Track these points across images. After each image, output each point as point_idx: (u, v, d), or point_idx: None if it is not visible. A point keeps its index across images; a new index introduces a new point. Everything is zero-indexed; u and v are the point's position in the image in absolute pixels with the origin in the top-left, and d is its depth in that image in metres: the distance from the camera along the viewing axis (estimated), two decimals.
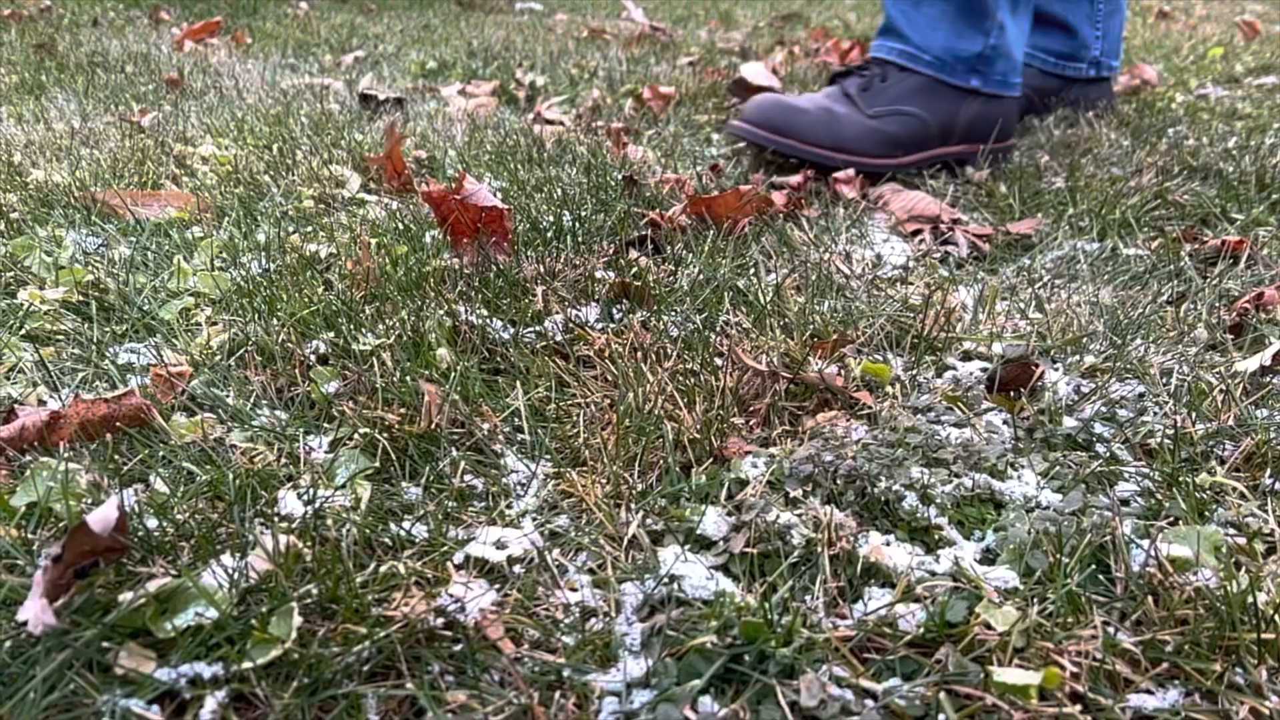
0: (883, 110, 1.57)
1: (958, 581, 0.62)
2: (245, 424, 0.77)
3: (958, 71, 1.59)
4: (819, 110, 1.54)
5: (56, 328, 0.93)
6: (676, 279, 1.05)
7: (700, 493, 0.70)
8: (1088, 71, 2.05)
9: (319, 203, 1.31)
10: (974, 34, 1.57)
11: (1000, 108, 1.64)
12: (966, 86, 1.59)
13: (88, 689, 0.52)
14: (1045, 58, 2.03)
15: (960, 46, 1.58)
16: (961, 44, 1.58)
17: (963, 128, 1.61)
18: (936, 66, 1.58)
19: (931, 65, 1.58)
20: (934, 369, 0.89)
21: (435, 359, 0.85)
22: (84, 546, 0.56)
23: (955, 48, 1.58)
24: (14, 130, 1.73)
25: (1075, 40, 2.02)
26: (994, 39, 1.58)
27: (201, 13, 3.79)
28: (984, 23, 1.56)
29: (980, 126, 1.62)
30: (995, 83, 1.61)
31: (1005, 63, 1.61)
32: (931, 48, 1.58)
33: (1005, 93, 1.64)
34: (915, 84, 1.59)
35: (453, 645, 0.57)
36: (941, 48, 1.58)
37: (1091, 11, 2.00)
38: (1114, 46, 2.07)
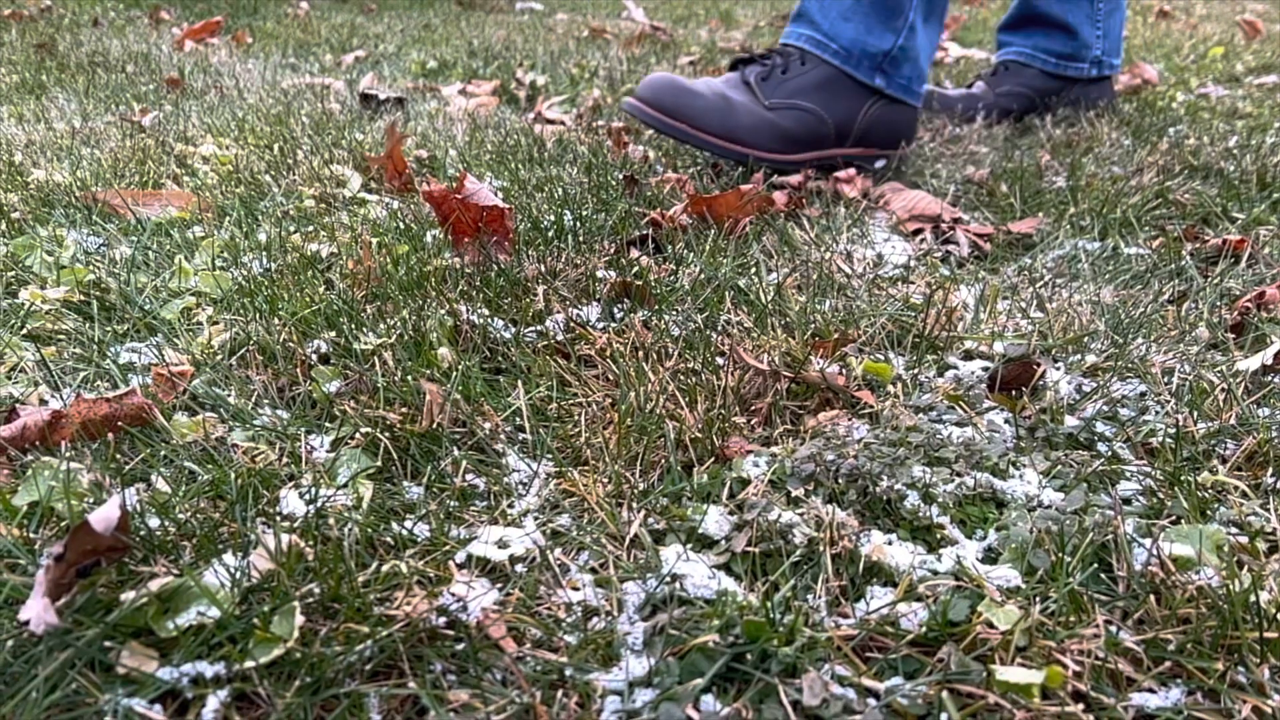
0: (780, 103, 1.54)
1: (960, 580, 0.62)
2: (247, 423, 0.77)
3: (863, 66, 1.56)
4: (715, 96, 1.50)
5: (58, 327, 0.93)
6: (677, 278, 1.05)
7: (702, 492, 0.70)
8: (1089, 71, 2.06)
9: (320, 202, 1.31)
10: (884, 31, 1.55)
11: (900, 114, 1.62)
12: (870, 84, 1.56)
13: (89, 688, 0.52)
14: (1046, 59, 2.05)
15: (869, 41, 1.55)
16: (871, 39, 1.55)
17: (860, 130, 1.59)
18: (842, 57, 1.55)
19: (838, 55, 1.55)
20: (935, 368, 0.89)
21: (436, 358, 0.85)
22: (86, 546, 0.56)
23: (864, 42, 1.55)
24: (15, 130, 1.73)
25: (1076, 41, 2.03)
26: (903, 40, 1.55)
27: (202, 13, 3.79)
28: (895, 20, 1.54)
29: (878, 131, 1.60)
30: (899, 86, 1.59)
31: (911, 68, 1.59)
32: (840, 37, 1.55)
33: (907, 99, 1.61)
34: (817, 77, 1.56)
35: (455, 644, 0.57)
36: (850, 39, 1.55)
37: (1092, 11, 2.02)
38: (1115, 45, 2.08)
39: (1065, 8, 2.01)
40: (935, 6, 1.59)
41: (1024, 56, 2.07)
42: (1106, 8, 2.03)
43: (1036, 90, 2.06)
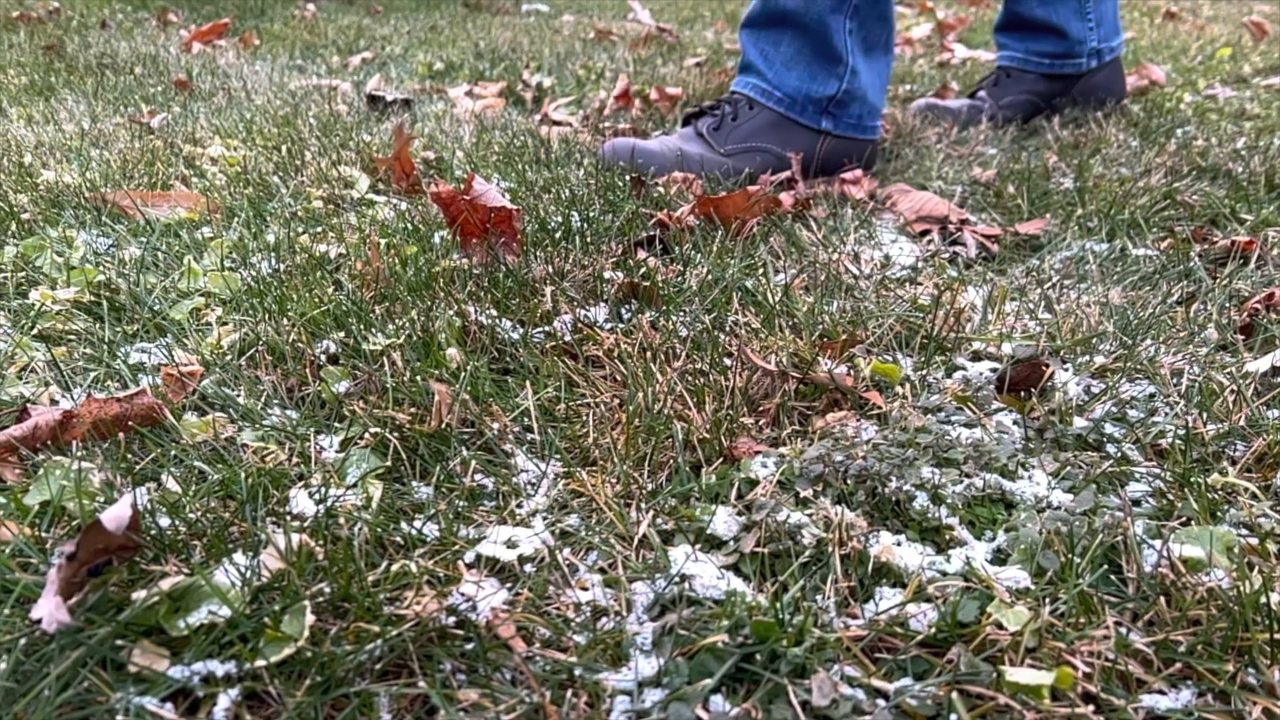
0: (736, 148, 1.57)
1: (969, 581, 0.62)
2: (256, 423, 0.77)
3: (808, 112, 1.58)
4: (670, 151, 1.54)
5: (68, 328, 0.93)
6: (685, 279, 1.05)
7: (710, 492, 0.70)
8: (1088, 64, 2.03)
9: (328, 203, 1.31)
10: (827, 78, 1.57)
11: (855, 147, 1.63)
12: (817, 128, 1.59)
13: (101, 687, 0.53)
14: (1041, 61, 2.02)
15: (813, 88, 1.57)
16: (814, 85, 1.57)
17: (821, 162, 1.61)
18: (787, 105, 1.58)
19: (782, 103, 1.58)
20: (944, 369, 0.89)
21: (445, 359, 0.85)
22: (97, 544, 0.57)
23: (808, 89, 1.57)
24: (24, 131, 1.74)
25: (1068, 40, 2.01)
26: (846, 83, 1.57)
27: (209, 15, 3.80)
28: (836, 67, 1.56)
29: (835, 160, 1.62)
30: (848, 125, 1.60)
31: (860, 106, 1.60)
32: (784, 86, 1.58)
33: (859, 136, 1.62)
34: (766, 120, 1.59)
35: (464, 644, 0.57)
36: (793, 87, 1.57)
37: (1080, 6, 1.99)
38: (1111, 27, 2.04)
39: (1049, 9, 1.99)
40: (874, 39, 1.59)
41: (1018, 62, 2.04)
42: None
43: (1039, 94, 2.04)
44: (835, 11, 1.53)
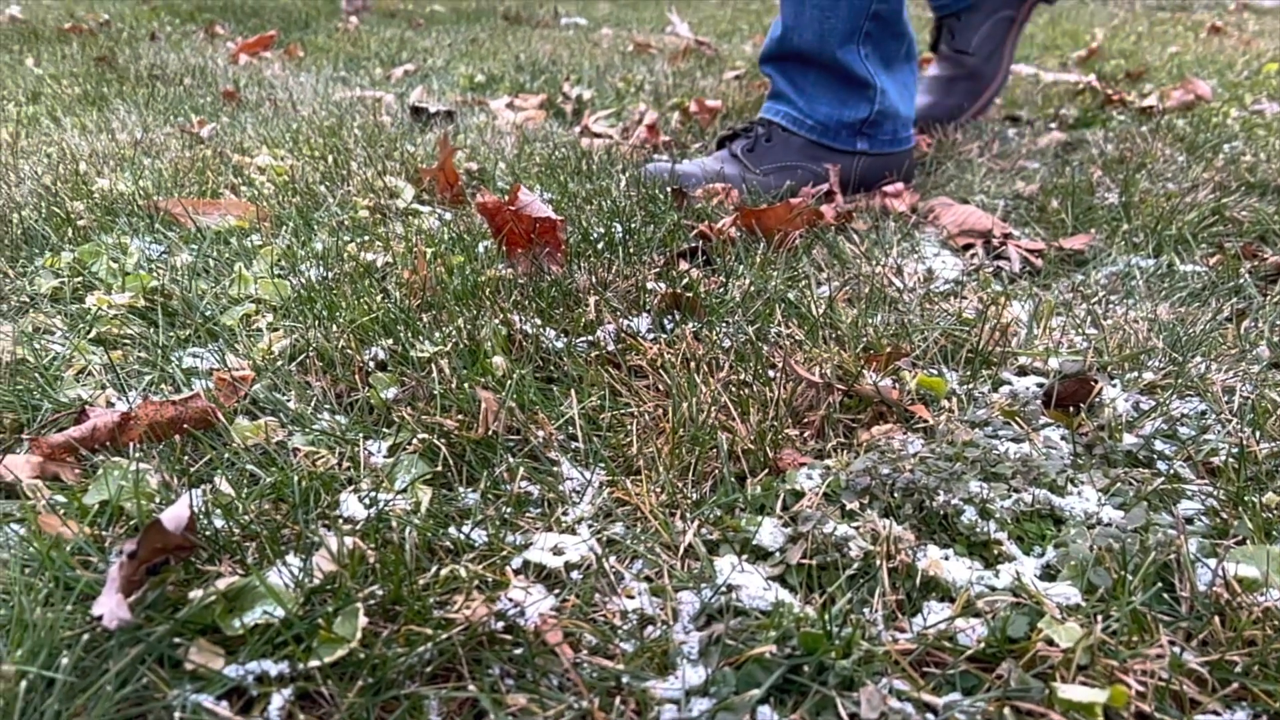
0: (771, 168, 1.57)
1: (1018, 597, 0.61)
2: (307, 428, 0.78)
3: (842, 137, 1.58)
4: (709, 175, 1.54)
5: (123, 332, 0.95)
6: (727, 290, 1.06)
7: (755, 503, 0.70)
8: None
9: (374, 213, 1.33)
10: (858, 101, 1.56)
11: (892, 160, 1.62)
12: (852, 150, 1.59)
13: (158, 683, 0.54)
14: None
15: (844, 114, 1.57)
16: (846, 111, 1.57)
17: (857, 179, 1.60)
18: (819, 132, 1.58)
19: (814, 130, 1.58)
20: (989, 384, 0.88)
21: (491, 367, 0.86)
22: (156, 544, 0.58)
23: (839, 115, 1.57)
24: (79, 140, 1.78)
25: None
26: (878, 104, 1.56)
27: (255, 27, 3.87)
28: (865, 91, 1.56)
29: (873, 175, 1.61)
30: (883, 142, 1.60)
31: (892, 122, 1.60)
32: (815, 114, 1.58)
33: (895, 149, 1.62)
34: (801, 144, 1.59)
35: (513, 649, 0.57)
36: (825, 114, 1.57)
37: None
38: None
39: None
40: (893, 54, 1.58)
41: None
42: None
43: None
44: (847, 44, 1.53)
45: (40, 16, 4.12)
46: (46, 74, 2.62)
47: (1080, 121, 2.19)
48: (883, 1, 1.51)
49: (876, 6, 1.50)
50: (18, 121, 1.98)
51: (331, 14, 4.46)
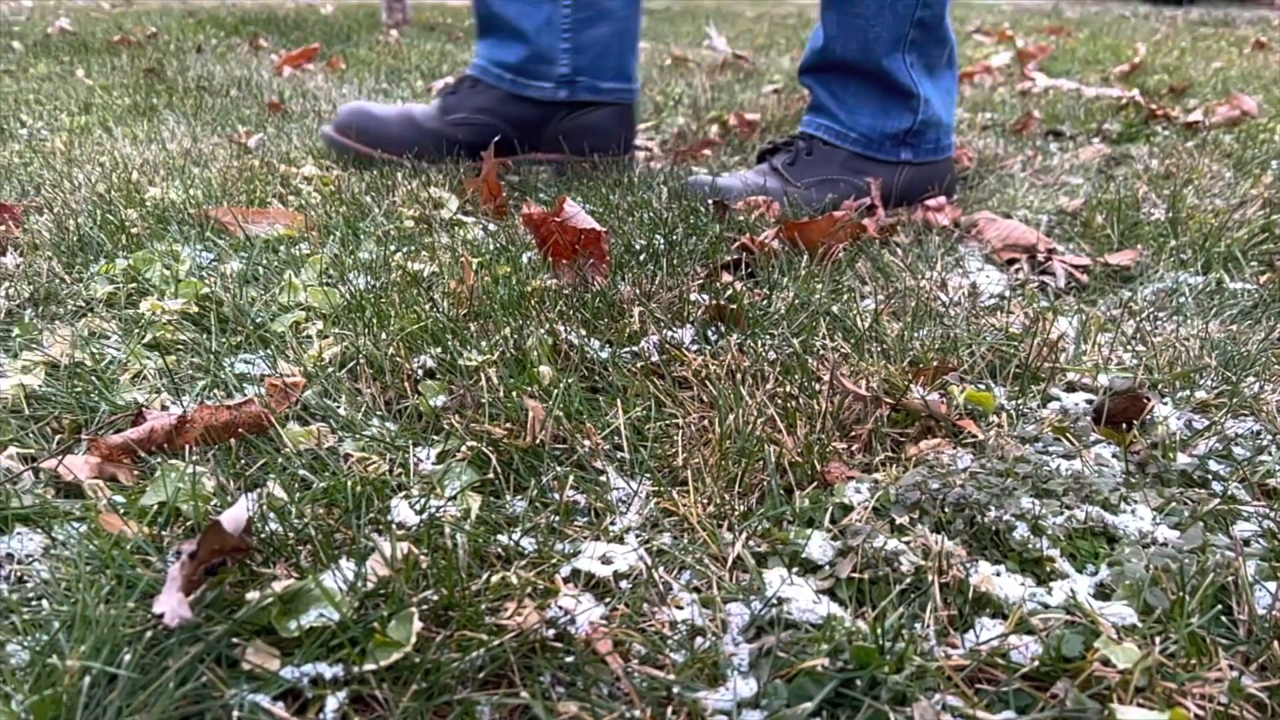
0: (812, 181, 1.55)
1: (1072, 615, 0.60)
2: (357, 434, 0.79)
3: (885, 148, 1.56)
4: (749, 188, 1.53)
5: (176, 337, 0.97)
6: (771, 303, 1.06)
7: (804, 516, 0.70)
8: (558, 93, 1.66)
9: (419, 223, 1.34)
10: (900, 111, 1.54)
11: (935, 170, 1.60)
12: (896, 161, 1.57)
13: (216, 683, 0.54)
14: (501, 74, 1.66)
15: (888, 125, 1.55)
16: (889, 123, 1.55)
17: (899, 191, 1.58)
18: (863, 144, 1.56)
19: (858, 143, 1.56)
20: (1038, 399, 0.87)
21: (538, 376, 0.86)
22: (215, 545, 0.59)
23: (883, 126, 1.55)
24: (130, 149, 1.82)
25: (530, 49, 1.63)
26: (922, 114, 1.55)
27: (298, 40, 3.93)
28: (909, 100, 1.54)
29: (916, 187, 1.59)
30: (927, 151, 1.58)
31: (935, 130, 1.58)
32: (857, 127, 1.56)
33: (938, 158, 1.60)
34: (843, 157, 1.56)
35: (563, 657, 0.57)
36: (868, 126, 1.55)
37: (551, 14, 1.61)
38: (604, 67, 1.67)
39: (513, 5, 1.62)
40: (935, 60, 1.56)
41: (478, 70, 1.69)
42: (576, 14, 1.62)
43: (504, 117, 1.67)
44: (892, 53, 1.51)
45: (89, 29, 4.21)
46: (97, 85, 2.68)
47: (1124, 136, 2.17)
48: (926, 7, 1.49)
49: (921, 13, 1.49)
50: (70, 131, 2.03)
51: (372, 27, 4.52)
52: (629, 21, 1.66)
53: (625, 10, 1.64)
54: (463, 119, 1.65)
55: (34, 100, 2.41)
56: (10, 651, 0.56)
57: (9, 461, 0.75)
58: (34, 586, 0.63)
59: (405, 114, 1.66)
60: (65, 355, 0.91)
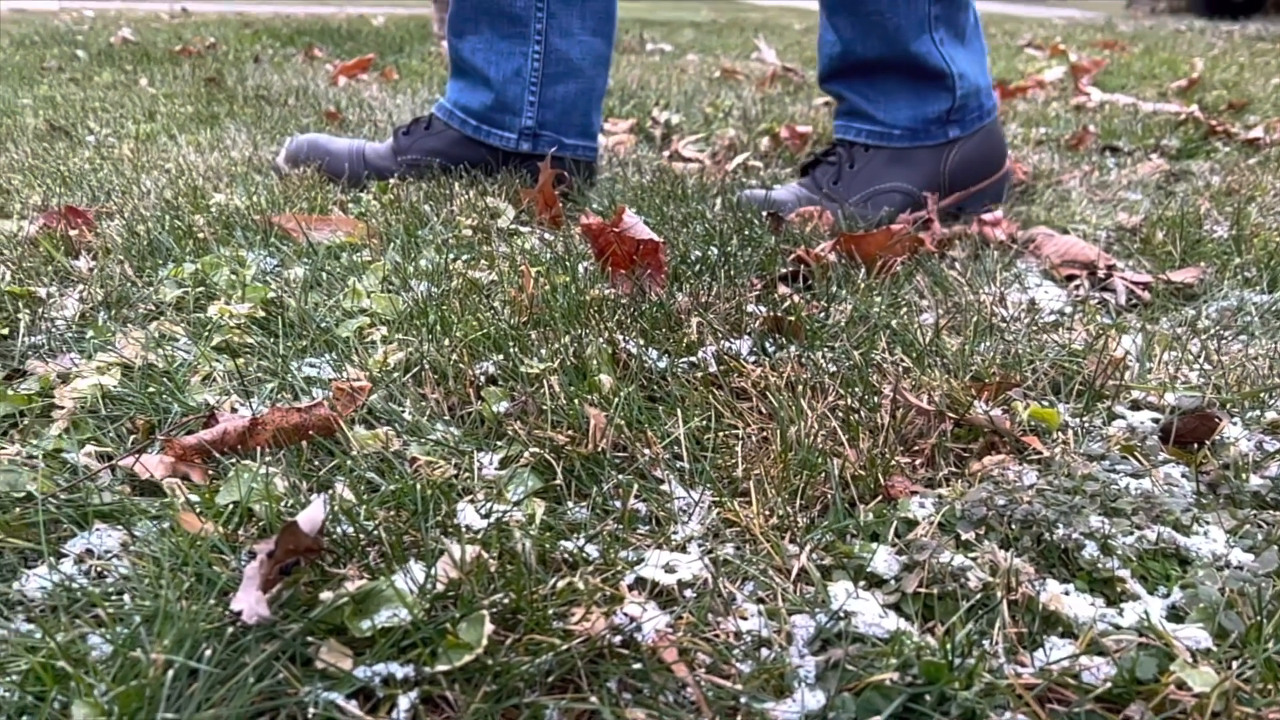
0: (862, 196, 1.52)
1: (1144, 637, 0.60)
2: (422, 438, 0.80)
3: (931, 133, 1.52)
4: (802, 200, 1.49)
5: (244, 340, 0.99)
6: (829, 315, 1.05)
7: (868, 530, 0.70)
8: (519, 144, 1.63)
9: (476, 232, 1.36)
10: (938, 94, 1.50)
11: (983, 140, 1.54)
12: (945, 140, 1.53)
13: (291, 680, 0.55)
14: (465, 119, 1.63)
15: (929, 110, 1.51)
16: (929, 108, 1.51)
17: (949, 179, 1.54)
18: (909, 137, 1.52)
19: (903, 138, 1.53)
20: (1103, 417, 0.86)
21: (598, 384, 0.87)
22: (291, 544, 0.60)
23: (924, 114, 1.51)
24: (194, 157, 1.86)
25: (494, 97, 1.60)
26: (960, 89, 1.51)
27: (351, 50, 4.00)
28: (944, 80, 1.50)
29: (965, 169, 1.54)
30: (972, 121, 1.53)
31: (976, 98, 1.53)
32: (899, 122, 1.52)
33: (985, 121, 1.55)
34: (888, 156, 1.53)
35: (630, 663, 0.58)
36: (909, 118, 1.52)
37: (520, 66, 1.59)
38: (564, 119, 1.63)
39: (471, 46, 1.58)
40: (962, 27, 1.51)
41: (442, 110, 1.66)
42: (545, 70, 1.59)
43: (452, 156, 1.65)
44: (920, 36, 1.47)
45: (150, 38, 4.32)
46: (160, 93, 2.75)
47: (1182, 152, 2.13)
48: None
49: None
50: (136, 138, 2.08)
51: (423, 38, 4.58)
52: (596, 80, 1.64)
53: (594, 69, 1.63)
54: (413, 159, 1.64)
55: (100, 108, 2.48)
56: (92, 644, 0.58)
57: (87, 459, 0.77)
58: (113, 582, 0.64)
59: (357, 149, 1.66)
60: (139, 357, 0.93)
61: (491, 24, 1.56)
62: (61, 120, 2.25)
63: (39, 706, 0.53)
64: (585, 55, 1.60)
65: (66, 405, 0.84)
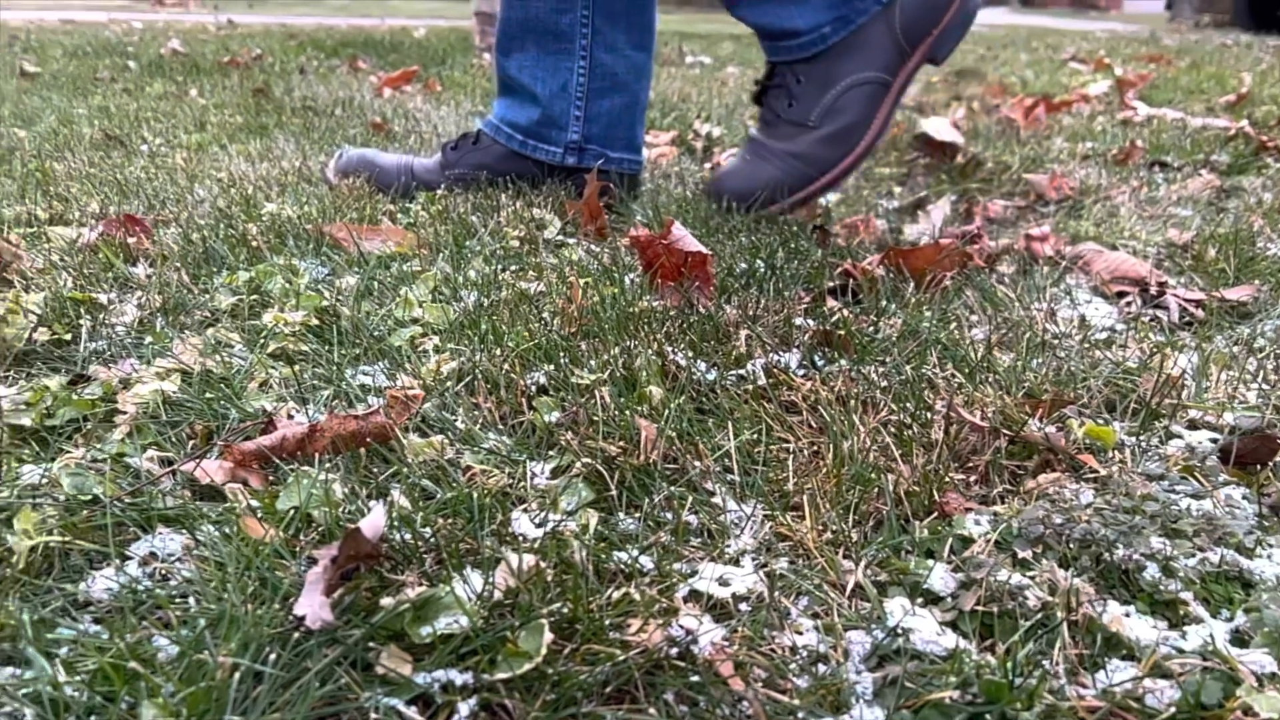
0: (823, 107, 1.45)
1: (1208, 661, 0.59)
2: (475, 447, 0.81)
3: (861, 7, 1.43)
4: (765, 161, 1.45)
5: (298, 348, 1.01)
6: (878, 329, 1.05)
7: (923, 546, 0.70)
8: (566, 159, 1.64)
9: (523, 243, 1.37)
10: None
11: None
12: (881, 5, 1.43)
13: (352, 685, 0.56)
14: (511, 134, 1.65)
15: None
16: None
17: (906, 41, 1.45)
18: (842, 26, 1.43)
19: (837, 29, 1.43)
20: (1159, 436, 0.85)
21: (648, 396, 0.87)
22: (352, 550, 0.61)
23: None
24: (245, 166, 1.90)
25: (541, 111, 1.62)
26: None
27: (395, 62, 4.05)
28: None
29: (916, 22, 1.45)
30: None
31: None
32: (822, 19, 1.45)
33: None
34: (833, 55, 1.45)
35: (687, 676, 0.58)
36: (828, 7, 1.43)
37: (566, 82, 1.60)
38: (610, 133, 1.64)
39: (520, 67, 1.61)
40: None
41: (489, 125, 1.69)
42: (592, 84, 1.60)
43: (499, 172, 1.67)
44: None
45: (198, 50, 4.41)
46: (210, 104, 2.80)
47: (1233, 168, 2.10)
48: None
49: None
50: (188, 148, 2.12)
51: (465, 50, 4.63)
52: (640, 93, 1.65)
53: (637, 83, 1.64)
54: (461, 174, 1.66)
55: (153, 118, 2.53)
56: (158, 645, 0.59)
57: (149, 464, 0.79)
58: (177, 584, 0.66)
59: (406, 164, 1.68)
60: (196, 363, 0.95)
61: (537, 41, 1.58)
62: (116, 130, 2.30)
63: (107, 707, 0.54)
64: (629, 69, 1.62)
65: (129, 410, 0.86)
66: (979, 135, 2.37)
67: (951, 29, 1.51)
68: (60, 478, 0.74)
